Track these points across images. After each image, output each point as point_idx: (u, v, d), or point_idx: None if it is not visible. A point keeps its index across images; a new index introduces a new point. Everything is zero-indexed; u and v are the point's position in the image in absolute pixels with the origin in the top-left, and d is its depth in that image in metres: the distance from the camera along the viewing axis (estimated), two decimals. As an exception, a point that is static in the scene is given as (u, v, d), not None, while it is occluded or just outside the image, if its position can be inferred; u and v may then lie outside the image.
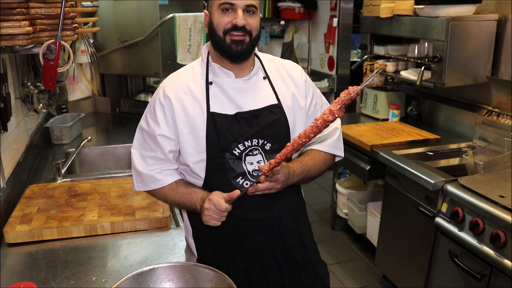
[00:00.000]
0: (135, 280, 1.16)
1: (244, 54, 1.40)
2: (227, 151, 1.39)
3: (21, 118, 2.20)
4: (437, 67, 2.58)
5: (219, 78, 1.44)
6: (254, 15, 1.38)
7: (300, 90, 1.51)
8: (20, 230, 1.53)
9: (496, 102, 2.60)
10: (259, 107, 1.44)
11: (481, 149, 2.53)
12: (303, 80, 1.54)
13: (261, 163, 1.41)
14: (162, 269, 1.21)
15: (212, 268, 1.19)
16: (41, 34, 1.42)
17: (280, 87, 1.50)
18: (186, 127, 1.41)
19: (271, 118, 1.44)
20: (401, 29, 2.82)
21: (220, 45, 1.39)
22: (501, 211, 1.85)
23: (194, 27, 3.18)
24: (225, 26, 1.37)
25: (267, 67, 1.51)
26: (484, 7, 2.65)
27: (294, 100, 1.49)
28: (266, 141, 1.43)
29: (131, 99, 3.50)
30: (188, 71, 1.49)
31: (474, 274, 1.95)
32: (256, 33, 1.40)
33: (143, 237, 1.57)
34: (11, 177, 1.85)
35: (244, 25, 1.36)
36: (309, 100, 1.53)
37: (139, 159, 1.49)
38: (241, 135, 1.39)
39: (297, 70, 1.56)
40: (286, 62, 1.58)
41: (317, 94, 1.57)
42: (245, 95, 1.44)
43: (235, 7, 1.35)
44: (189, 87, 1.43)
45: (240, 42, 1.37)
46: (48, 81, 1.47)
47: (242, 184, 1.41)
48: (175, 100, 1.42)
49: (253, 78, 1.47)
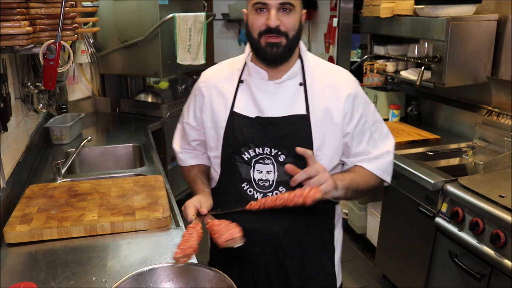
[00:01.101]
0: (135, 280, 1.16)
1: (280, 57, 1.31)
2: (237, 154, 1.37)
3: (21, 118, 2.20)
4: (437, 67, 2.58)
5: (251, 78, 1.38)
6: (290, 14, 1.27)
7: (339, 104, 1.35)
8: (20, 230, 1.52)
9: (496, 102, 2.60)
10: (281, 114, 1.34)
11: (481, 149, 2.53)
12: (348, 93, 1.36)
13: (270, 174, 1.35)
14: (162, 269, 1.20)
15: (212, 268, 1.19)
16: (41, 34, 1.42)
17: (316, 97, 1.35)
18: (211, 122, 1.43)
19: (291, 128, 1.33)
20: (401, 29, 2.82)
21: (255, 47, 1.32)
22: (501, 211, 1.85)
23: (194, 27, 3.18)
24: (260, 28, 1.28)
25: (309, 73, 1.38)
26: (484, 7, 2.65)
27: (326, 114, 1.34)
28: (280, 152, 1.33)
29: (131, 99, 3.50)
30: (228, 65, 1.46)
31: (474, 274, 1.95)
32: (294, 33, 1.29)
33: (143, 237, 1.57)
34: (11, 177, 1.85)
35: (278, 26, 1.26)
36: (356, 118, 1.37)
37: (175, 137, 1.64)
38: (252, 141, 1.34)
39: (344, 81, 1.39)
40: (335, 71, 1.43)
41: (368, 112, 1.40)
42: (271, 99, 1.35)
43: (268, 6, 1.25)
44: (221, 82, 1.43)
45: (275, 44, 1.28)
46: (48, 81, 1.47)
47: (246, 191, 1.38)
48: (206, 93, 1.45)
49: (286, 83, 1.36)
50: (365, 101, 1.41)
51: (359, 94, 1.39)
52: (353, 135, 1.38)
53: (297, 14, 1.29)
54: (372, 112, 1.43)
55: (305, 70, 1.37)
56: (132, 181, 1.94)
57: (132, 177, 2.03)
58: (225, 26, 5.35)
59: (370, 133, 1.41)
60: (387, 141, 1.45)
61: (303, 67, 1.38)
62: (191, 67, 3.37)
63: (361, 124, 1.38)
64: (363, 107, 1.39)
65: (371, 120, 1.41)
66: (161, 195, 1.80)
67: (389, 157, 1.43)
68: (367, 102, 1.42)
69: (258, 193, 1.37)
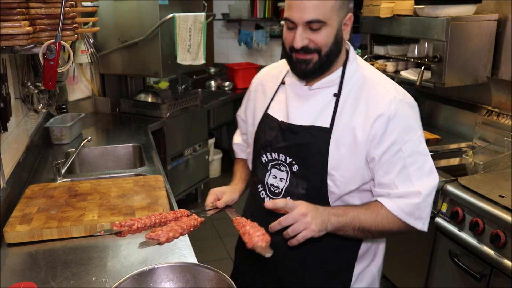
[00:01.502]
0: (135, 280, 1.16)
1: (311, 74, 1.22)
2: (259, 155, 1.37)
3: (21, 118, 2.20)
4: (437, 67, 2.58)
5: (291, 80, 1.33)
6: (319, 31, 1.16)
7: (367, 123, 1.20)
8: (20, 230, 1.52)
9: (496, 102, 2.60)
10: (304, 123, 1.26)
11: (481, 149, 2.53)
12: (381, 113, 1.19)
13: (282, 181, 1.30)
14: (162, 269, 1.20)
15: (212, 268, 1.19)
16: (41, 34, 1.42)
17: (345, 111, 1.23)
18: (251, 118, 1.45)
19: (307, 139, 1.24)
20: (401, 29, 2.82)
21: (288, 60, 1.26)
22: (501, 211, 1.85)
23: (194, 27, 3.18)
24: (290, 44, 1.21)
25: (348, 84, 1.25)
26: (484, 7, 2.65)
27: (350, 132, 1.21)
28: (294, 162, 1.27)
29: (131, 99, 3.50)
30: (280, 65, 1.43)
31: (474, 274, 1.95)
32: (327, 49, 1.18)
33: (143, 237, 1.56)
34: (11, 177, 1.85)
35: (306, 46, 1.17)
36: (386, 143, 1.19)
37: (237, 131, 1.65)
38: (270, 145, 1.32)
39: (383, 99, 1.21)
40: (380, 86, 1.24)
41: (406, 140, 1.20)
42: (301, 105, 1.29)
43: (295, 24, 1.17)
44: (268, 80, 1.43)
45: (305, 61, 1.19)
46: (48, 81, 1.47)
47: (260, 193, 1.37)
48: (253, 89, 1.47)
49: (320, 91, 1.27)
50: (405, 127, 1.20)
51: (398, 116, 1.19)
52: (379, 162, 1.21)
53: (331, 28, 1.17)
54: (414, 141, 1.21)
55: (343, 81, 1.25)
56: (132, 181, 1.94)
57: (132, 177, 2.03)
58: (225, 26, 5.35)
59: (403, 165, 1.21)
60: (425, 180, 1.22)
61: (343, 78, 1.26)
62: (191, 67, 3.37)
63: (393, 151, 1.20)
64: (399, 133, 1.19)
65: (408, 150, 1.20)
66: (161, 195, 1.80)
67: (417, 199, 1.20)
68: (409, 128, 1.21)
69: (268, 198, 1.35)
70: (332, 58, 1.22)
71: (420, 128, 1.24)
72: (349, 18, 1.22)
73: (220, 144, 5.21)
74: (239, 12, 5.00)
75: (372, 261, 1.41)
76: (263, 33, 5.03)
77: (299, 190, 1.27)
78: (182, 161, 3.59)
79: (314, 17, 1.13)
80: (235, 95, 4.55)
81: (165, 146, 3.36)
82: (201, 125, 3.83)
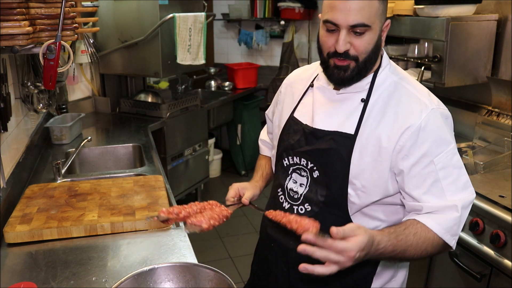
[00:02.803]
0: (135, 280, 1.16)
1: (349, 81, 1.18)
2: (281, 158, 1.34)
3: (21, 118, 2.20)
4: (437, 67, 2.58)
5: (319, 83, 1.30)
6: (362, 36, 1.11)
7: (394, 132, 1.14)
8: (20, 230, 1.52)
9: (496, 102, 2.60)
10: (328, 128, 1.22)
11: (481, 149, 2.53)
12: (411, 124, 1.13)
13: (302, 187, 1.25)
14: (162, 269, 1.20)
15: (212, 268, 1.19)
16: (41, 34, 1.42)
17: (372, 118, 1.18)
18: (278, 120, 1.44)
19: (328, 145, 1.20)
20: (401, 29, 2.82)
21: (323, 65, 1.22)
22: (501, 211, 1.85)
23: (194, 27, 3.18)
24: (329, 49, 1.16)
25: (378, 90, 1.20)
26: (484, 7, 2.65)
27: (375, 140, 1.16)
28: (315, 167, 1.23)
29: (131, 99, 3.50)
30: (311, 68, 1.42)
31: (474, 274, 1.95)
32: (365, 56, 1.14)
33: (143, 237, 1.57)
34: (11, 177, 1.85)
35: (347, 51, 1.13)
36: (416, 156, 1.13)
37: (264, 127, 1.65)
38: (292, 149, 1.29)
39: (414, 108, 1.16)
40: (412, 94, 1.20)
41: (438, 152, 1.13)
42: (327, 110, 1.25)
43: (339, 27, 1.11)
44: (297, 82, 1.41)
45: (343, 68, 1.15)
46: (48, 81, 1.47)
47: (279, 197, 1.34)
48: (283, 91, 1.46)
49: (348, 96, 1.23)
50: (437, 138, 1.14)
51: (429, 127, 1.13)
52: (409, 175, 1.14)
53: (374, 33, 1.12)
54: (447, 153, 1.14)
55: (373, 86, 1.20)
56: (132, 181, 1.94)
57: (132, 177, 2.03)
58: (225, 26, 5.35)
59: (435, 178, 1.14)
60: (460, 194, 1.15)
61: (373, 84, 1.21)
62: (191, 67, 3.37)
63: (423, 164, 1.13)
64: (431, 144, 1.13)
65: (440, 163, 1.13)
66: (161, 195, 1.80)
67: (455, 213, 1.12)
68: (442, 140, 1.14)
69: (287, 203, 1.31)
70: (370, 65, 1.18)
71: (453, 140, 1.18)
72: (387, 25, 1.18)
73: (220, 144, 5.21)
74: (239, 12, 5.00)
75: (392, 278, 1.34)
76: (263, 33, 5.03)
77: (318, 197, 1.23)
78: (182, 161, 3.59)
79: (359, 20, 1.08)
80: (235, 95, 4.55)
81: (165, 146, 3.36)
82: (201, 125, 3.83)
